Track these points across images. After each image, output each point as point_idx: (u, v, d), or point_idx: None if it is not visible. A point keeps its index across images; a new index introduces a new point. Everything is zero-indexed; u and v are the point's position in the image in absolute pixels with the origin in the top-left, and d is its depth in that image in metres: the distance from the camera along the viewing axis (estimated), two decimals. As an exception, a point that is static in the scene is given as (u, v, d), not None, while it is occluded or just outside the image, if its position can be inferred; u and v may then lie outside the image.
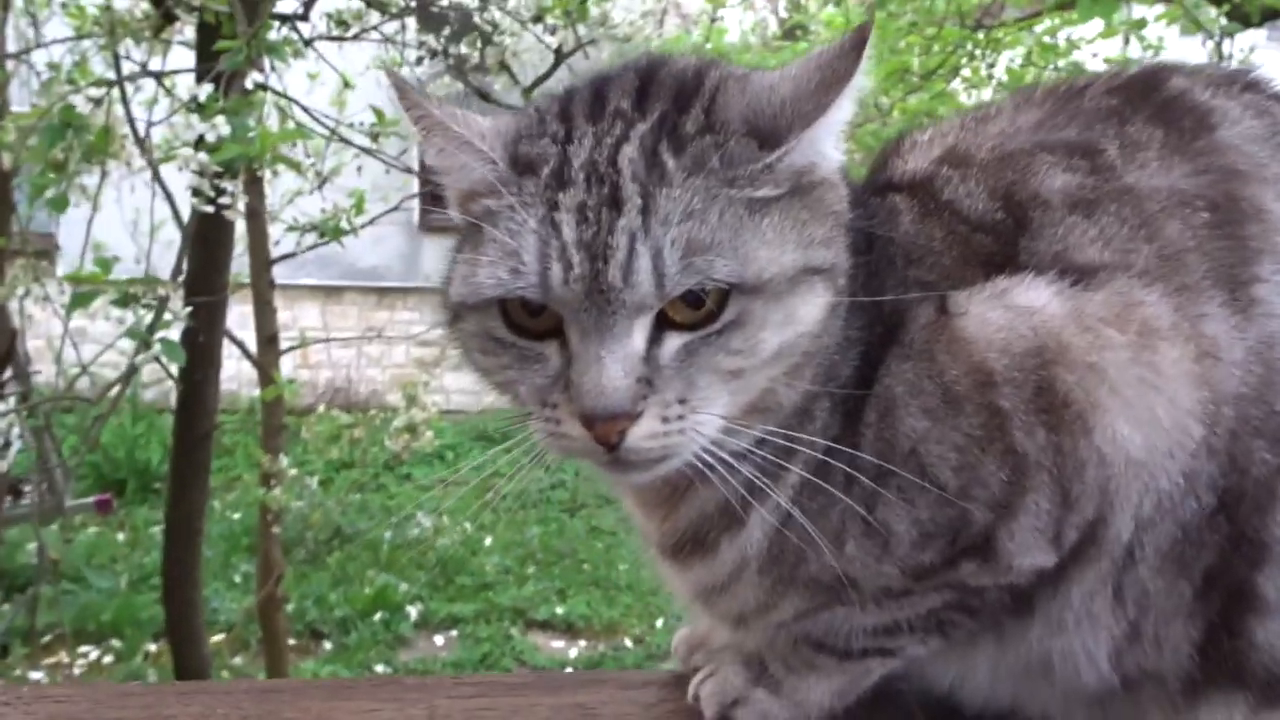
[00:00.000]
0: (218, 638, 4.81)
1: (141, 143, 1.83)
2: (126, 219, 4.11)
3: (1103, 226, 0.69)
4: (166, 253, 3.13)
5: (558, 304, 0.67)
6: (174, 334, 1.71)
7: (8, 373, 4.42)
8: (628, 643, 5.38)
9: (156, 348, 1.59)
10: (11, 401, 2.31)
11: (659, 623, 5.22)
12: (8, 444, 2.20)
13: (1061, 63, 3.06)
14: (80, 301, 1.51)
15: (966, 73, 3.38)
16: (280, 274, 3.78)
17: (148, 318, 1.88)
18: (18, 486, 4.83)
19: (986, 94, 3.30)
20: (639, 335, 0.66)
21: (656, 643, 5.09)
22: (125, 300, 1.52)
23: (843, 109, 0.70)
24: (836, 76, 0.69)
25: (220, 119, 1.47)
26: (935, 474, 0.69)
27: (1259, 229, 0.69)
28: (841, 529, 0.72)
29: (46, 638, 4.55)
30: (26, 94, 3.50)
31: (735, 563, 0.75)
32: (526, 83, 4.75)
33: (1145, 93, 0.76)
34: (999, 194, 0.72)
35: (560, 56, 4.87)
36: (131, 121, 2.36)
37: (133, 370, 1.88)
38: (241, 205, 1.58)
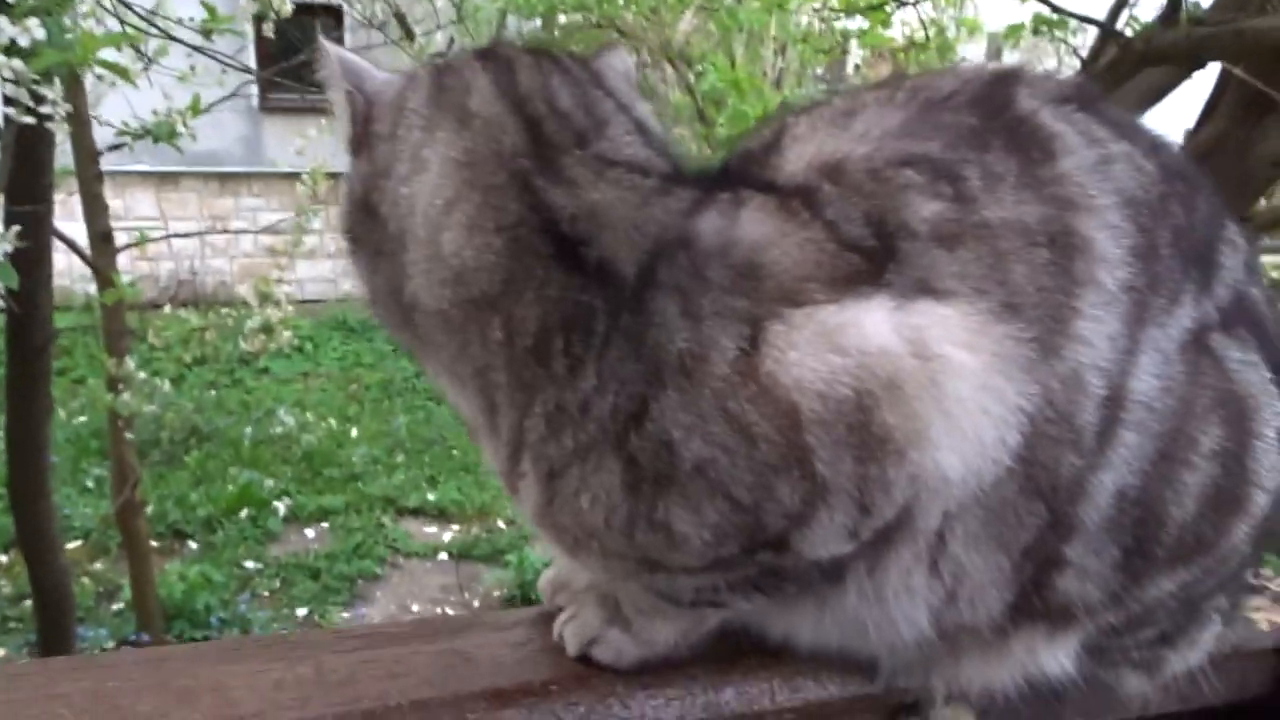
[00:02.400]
0: (74, 545, 4.67)
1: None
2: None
3: (963, 263, 0.71)
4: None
5: None
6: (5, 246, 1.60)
7: None
8: (500, 524, 5.49)
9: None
10: None
11: (529, 504, 5.33)
12: None
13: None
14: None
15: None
16: (109, 161, 3.54)
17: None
18: None
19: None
20: None
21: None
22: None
23: None
24: None
25: (33, 21, 1.36)
26: (726, 489, 0.69)
27: (1084, 262, 0.73)
28: (629, 519, 0.71)
29: (-114, 554, 4.34)
30: None
31: (532, 507, 0.76)
32: None
33: (999, 110, 0.79)
34: (872, 220, 0.73)
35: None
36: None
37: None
38: (64, 113, 1.47)
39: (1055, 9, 2.31)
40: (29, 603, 3.64)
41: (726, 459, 0.68)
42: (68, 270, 5.50)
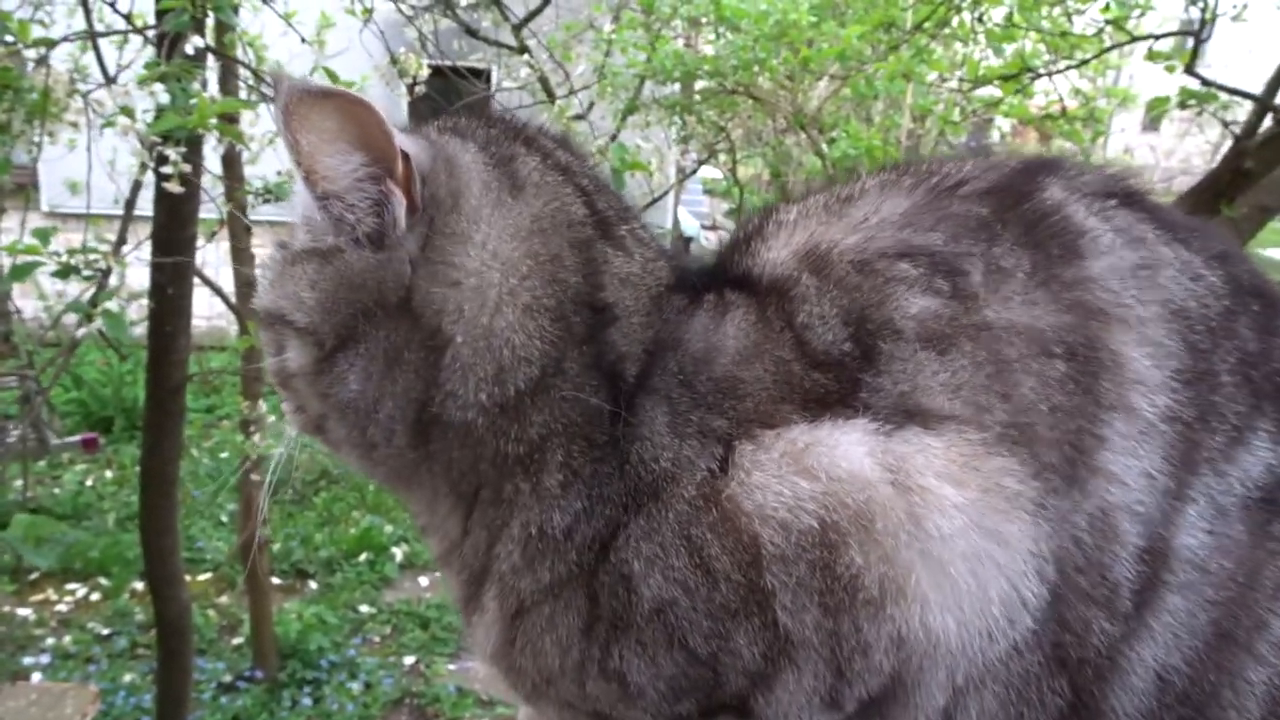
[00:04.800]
0: (204, 577, 4.87)
1: (86, 99, 1.78)
2: (104, 157, 4.05)
3: (955, 370, 0.60)
4: (148, 190, 3.08)
5: None
6: (118, 303, 1.69)
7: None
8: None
9: (99, 321, 1.57)
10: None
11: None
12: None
13: (1046, 22, 2.97)
14: (18, 275, 1.49)
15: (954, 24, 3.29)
16: (268, 211, 3.73)
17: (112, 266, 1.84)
18: (2, 424, 4.85)
19: (975, 53, 3.22)
20: None
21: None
22: (65, 272, 1.50)
23: None
24: None
25: (159, 86, 1.43)
26: (683, 637, 0.61)
27: (1114, 381, 0.61)
28: (581, 664, 0.64)
29: (33, 575, 4.62)
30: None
31: (486, 644, 0.70)
32: (516, 19, 4.65)
33: (1017, 202, 0.66)
34: (852, 319, 0.63)
35: (550, -9, 4.75)
36: (105, 72, 2.30)
37: (74, 344, 1.85)
38: (181, 173, 1.54)
39: (1204, 81, 2.16)
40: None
41: (685, 600, 0.60)
42: (226, 313, 5.84)
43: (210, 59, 2.33)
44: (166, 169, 1.53)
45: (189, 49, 1.54)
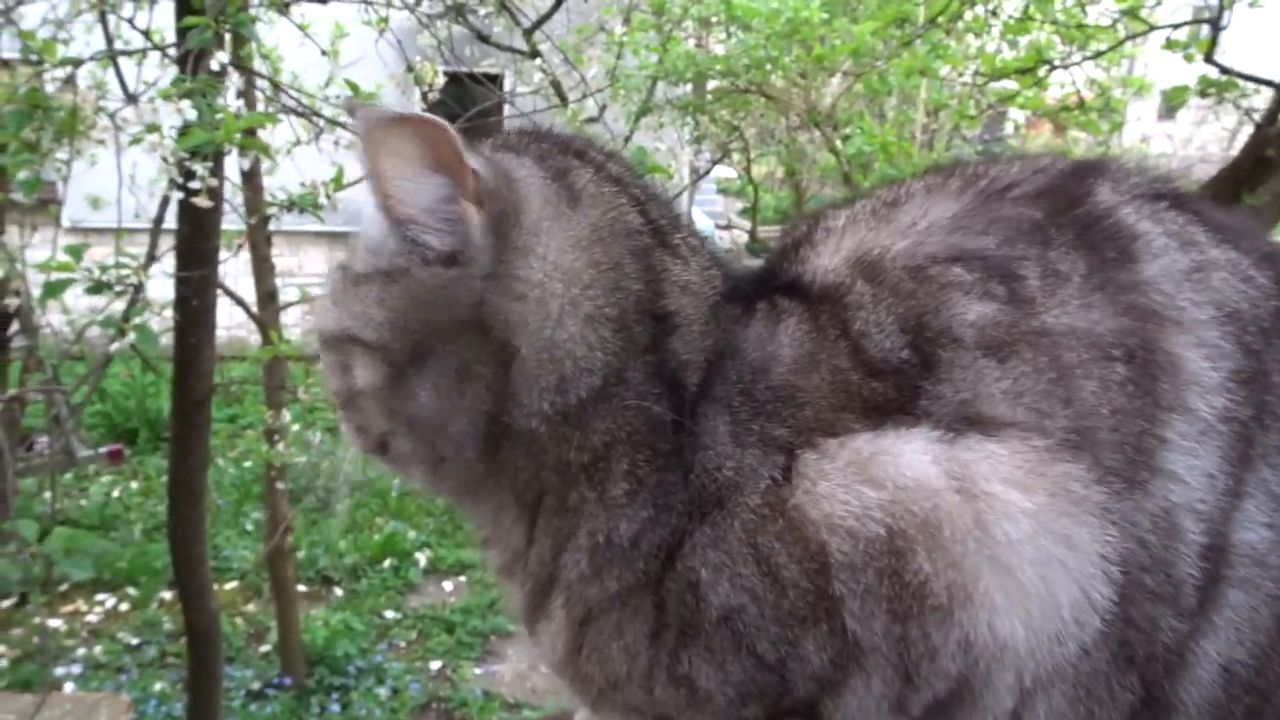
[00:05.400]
0: (231, 585, 4.91)
1: (114, 119, 1.81)
2: (126, 172, 4.09)
3: (1016, 377, 0.61)
4: (170, 203, 3.11)
5: None
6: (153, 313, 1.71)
7: (15, 326, 4.45)
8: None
9: (131, 335, 1.60)
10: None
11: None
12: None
13: (1060, 14, 2.96)
14: (51, 292, 1.51)
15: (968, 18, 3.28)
16: (288, 221, 3.76)
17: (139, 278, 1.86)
18: (29, 438, 4.90)
19: (989, 46, 3.22)
20: None
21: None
22: (98, 288, 1.52)
23: None
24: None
25: (185, 102, 1.45)
26: (751, 643, 0.62)
27: (1172, 383, 0.61)
28: (639, 664, 0.65)
29: (63, 586, 4.67)
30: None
31: (552, 650, 0.70)
32: (527, 24, 4.67)
33: (1070, 205, 0.67)
34: (909, 326, 0.63)
35: (560, -3, 4.77)
36: (125, 89, 2.33)
37: (108, 360, 1.88)
38: (208, 187, 1.56)
39: (1224, 70, 2.15)
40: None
41: (753, 607, 0.61)
42: (245, 323, 5.90)
43: (245, 74, 2.35)
44: (194, 184, 1.55)
45: (214, 65, 1.56)
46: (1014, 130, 6.78)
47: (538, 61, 4.82)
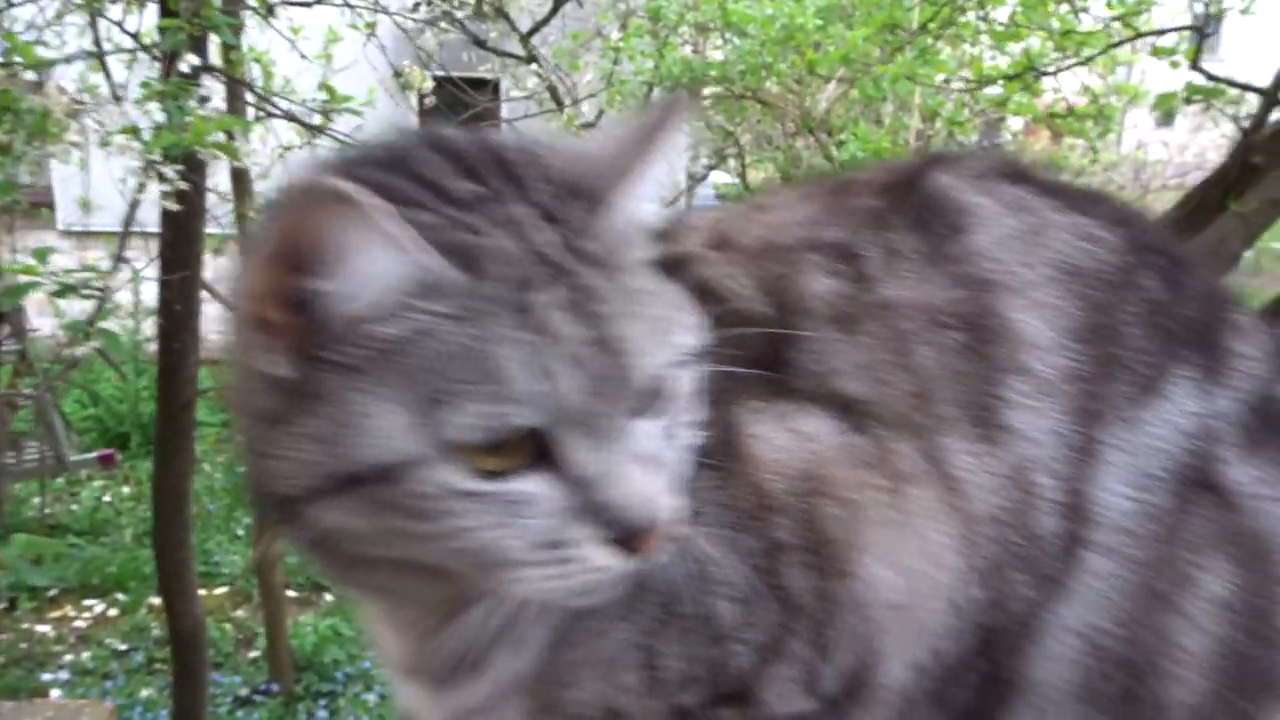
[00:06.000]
0: (220, 590, 4.89)
1: (88, 118, 1.80)
2: (115, 175, 4.09)
3: (861, 349, 0.65)
4: (156, 207, 3.10)
5: (561, 421, 0.55)
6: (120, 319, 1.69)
7: (5, 329, 4.44)
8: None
9: (95, 340, 1.58)
10: None
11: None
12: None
13: (1054, 20, 2.95)
14: (14, 295, 1.50)
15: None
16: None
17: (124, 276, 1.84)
18: (19, 442, 4.89)
19: (983, 53, 3.21)
20: (641, 430, 0.58)
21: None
22: (63, 292, 1.50)
23: (659, 163, 0.62)
24: (653, 130, 0.62)
25: (154, 104, 1.44)
26: (714, 607, 0.63)
27: (1007, 347, 0.64)
28: (618, 655, 0.65)
29: (52, 592, 4.65)
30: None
31: (505, 683, 0.68)
32: (524, 29, 4.66)
33: (907, 192, 0.71)
34: (766, 285, 0.67)
35: (559, 1, 4.76)
36: (114, 91, 2.32)
37: (73, 363, 1.87)
38: (177, 190, 1.54)
39: (1210, 76, 2.13)
40: (172, 646, 3.83)
41: (724, 551, 0.61)
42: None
43: (222, 77, 2.34)
44: (164, 187, 1.54)
45: (184, 67, 1.55)
46: (1011, 138, 6.77)
47: (533, 66, 4.80)
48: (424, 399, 0.53)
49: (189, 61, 1.55)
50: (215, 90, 2.48)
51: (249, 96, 2.54)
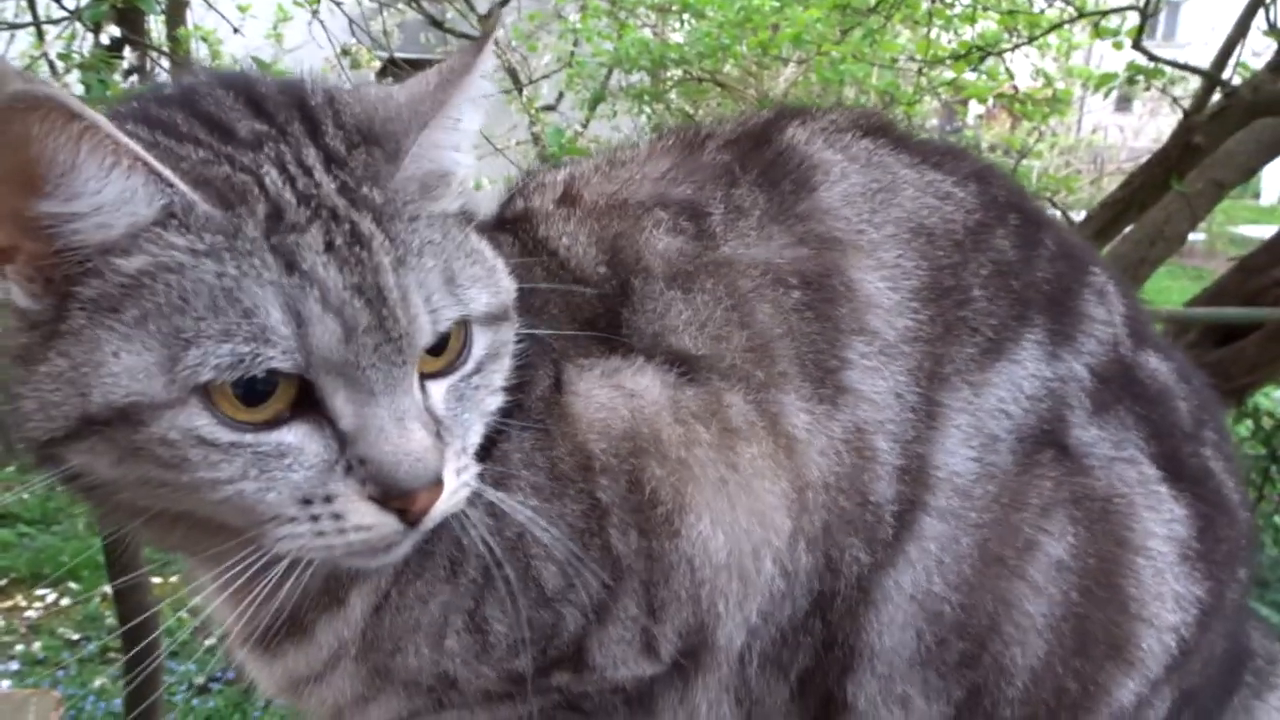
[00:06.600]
0: (176, 578, 4.83)
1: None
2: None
3: (698, 307, 0.64)
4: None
5: (321, 369, 0.54)
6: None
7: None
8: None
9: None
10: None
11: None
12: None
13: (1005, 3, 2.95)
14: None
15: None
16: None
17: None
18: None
19: (939, 34, 3.21)
20: (416, 387, 0.57)
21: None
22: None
23: (462, 110, 0.62)
24: (454, 74, 0.61)
25: (74, 76, 1.41)
26: (538, 570, 0.63)
27: (850, 308, 0.64)
28: (444, 620, 0.65)
29: (2, 582, 4.57)
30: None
31: (332, 648, 0.67)
32: (482, 9, 4.61)
33: (758, 146, 0.70)
34: (605, 244, 0.67)
35: (516, -18, 4.71)
36: (51, 66, 2.27)
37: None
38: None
39: (1152, 57, 2.15)
40: (125, 634, 3.78)
41: (544, 512, 0.61)
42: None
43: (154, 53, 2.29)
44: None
45: (104, 39, 1.51)
46: (974, 120, 6.81)
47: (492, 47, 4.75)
48: (172, 339, 0.52)
49: (109, 33, 1.52)
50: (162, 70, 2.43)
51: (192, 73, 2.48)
